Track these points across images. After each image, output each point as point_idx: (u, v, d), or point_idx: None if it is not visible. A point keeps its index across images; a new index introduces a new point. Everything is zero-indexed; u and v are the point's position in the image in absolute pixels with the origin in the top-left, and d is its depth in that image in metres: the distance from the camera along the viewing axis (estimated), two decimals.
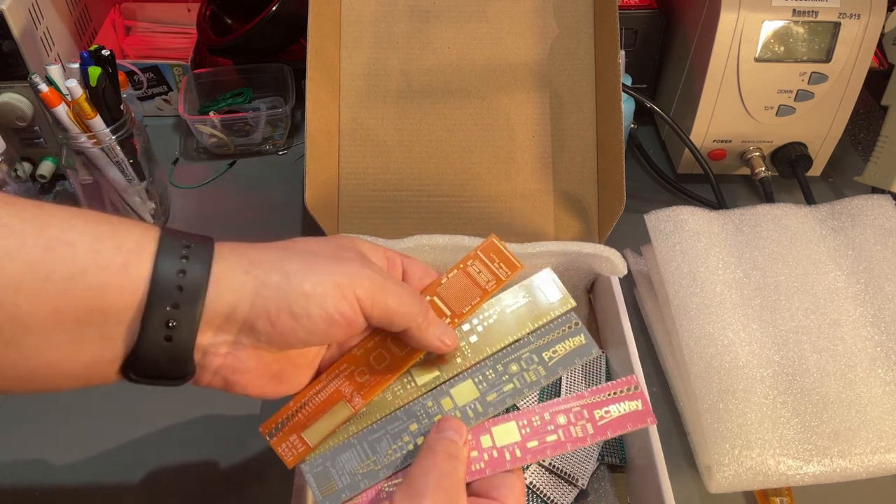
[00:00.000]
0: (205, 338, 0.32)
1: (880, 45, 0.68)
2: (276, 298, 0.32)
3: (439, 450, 0.33)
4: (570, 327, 0.40)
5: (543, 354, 0.39)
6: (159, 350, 0.31)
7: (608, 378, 0.55)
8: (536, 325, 0.40)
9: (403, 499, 0.31)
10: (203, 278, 0.31)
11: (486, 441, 0.36)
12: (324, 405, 0.37)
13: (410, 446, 0.36)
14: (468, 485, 0.35)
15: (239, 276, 0.32)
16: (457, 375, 0.38)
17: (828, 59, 0.65)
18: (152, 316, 0.30)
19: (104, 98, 0.59)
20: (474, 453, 0.35)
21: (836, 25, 0.63)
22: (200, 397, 0.55)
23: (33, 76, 0.56)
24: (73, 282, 0.29)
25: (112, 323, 0.30)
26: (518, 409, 0.37)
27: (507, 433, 0.36)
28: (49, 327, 0.29)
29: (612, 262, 0.55)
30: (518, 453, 0.35)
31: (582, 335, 0.39)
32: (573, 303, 0.41)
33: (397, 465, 0.36)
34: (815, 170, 0.72)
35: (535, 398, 0.53)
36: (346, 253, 0.35)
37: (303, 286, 0.32)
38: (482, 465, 0.35)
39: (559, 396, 0.52)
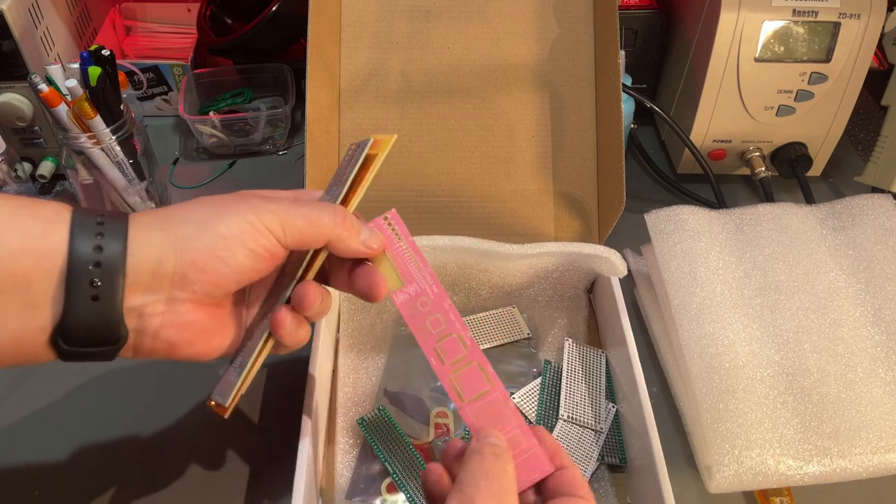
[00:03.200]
0: (136, 298, 0.33)
1: (880, 45, 0.68)
2: (197, 247, 0.33)
3: (486, 452, 0.34)
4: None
5: None
6: (88, 311, 0.32)
7: (608, 377, 0.55)
8: None
9: None
10: (120, 239, 0.33)
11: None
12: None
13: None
14: (540, 484, 0.36)
15: (155, 233, 0.33)
16: None
17: (828, 59, 0.65)
18: (75, 277, 0.31)
19: (104, 98, 0.59)
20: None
21: (836, 25, 0.63)
22: (201, 395, 0.55)
23: (33, 76, 0.56)
24: None
25: (36, 289, 0.31)
26: None
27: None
28: None
29: (611, 263, 0.55)
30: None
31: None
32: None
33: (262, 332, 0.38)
34: (815, 170, 0.72)
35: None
36: (249, 196, 0.37)
37: (219, 229, 0.34)
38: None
39: (559, 393, 0.53)
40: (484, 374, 0.37)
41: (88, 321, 0.32)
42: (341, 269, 0.40)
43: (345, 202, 0.39)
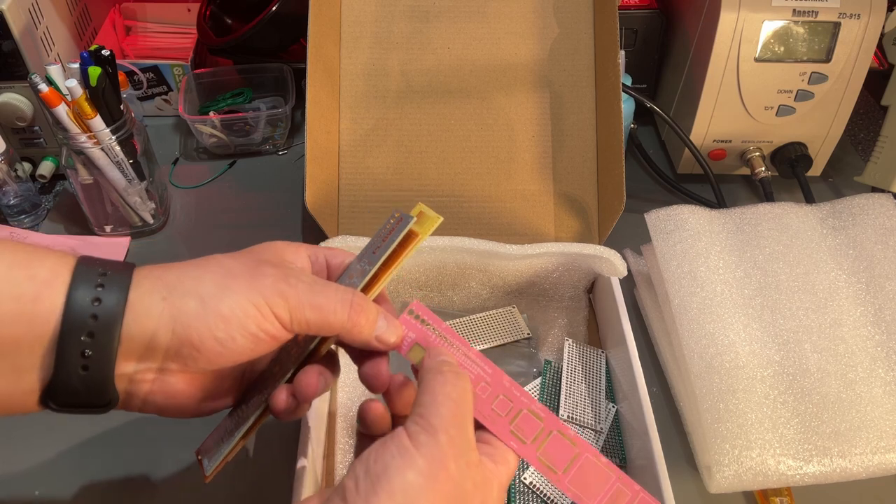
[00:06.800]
0: (127, 366, 0.32)
1: (880, 45, 0.68)
2: (197, 326, 0.31)
3: (445, 371, 0.33)
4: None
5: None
6: (77, 380, 0.31)
7: (608, 377, 0.55)
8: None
9: (420, 431, 0.31)
10: (119, 306, 0.31)
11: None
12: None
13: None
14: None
15: (156, 304, 0.31)
16: None
17: (828, 59, 0.65)
18: (66, 346, 0.30)
19: (104, 98, 0.59)
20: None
21: (836, 25, 0.63)
22: None
23: (33, 76, 0.56)
24: None
25: (25, 354, 0.30)
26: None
27: None
28: None
29: (611, 263, 0.55)
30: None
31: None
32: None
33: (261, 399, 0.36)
34: (815, 170, 0.72)
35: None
36: (263, 268, 0.34)
37: (221, 310, 0.32)
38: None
39: (559, 393, 0.53)
40: (567, 440, 0.35)
41: (77, 388, 0.31)
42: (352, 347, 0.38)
43: (371, 284, 0.36)
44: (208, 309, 0.32)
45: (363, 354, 0.37)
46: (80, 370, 0.30)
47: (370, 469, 0.30)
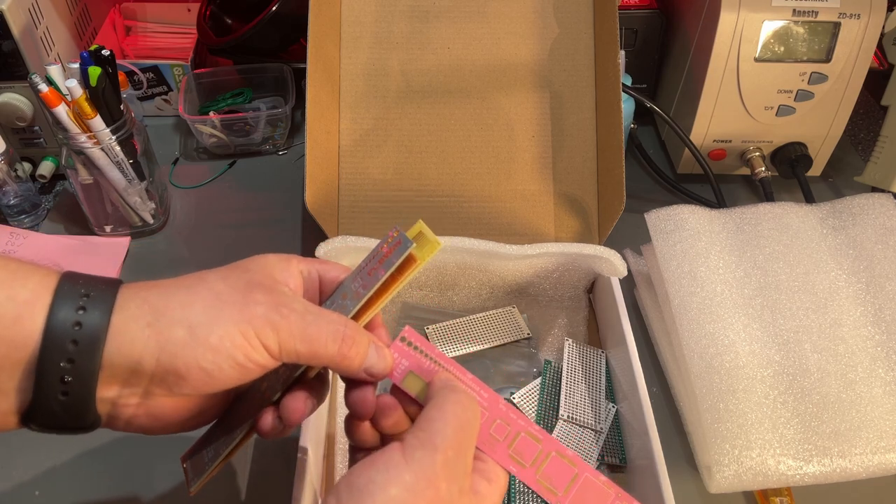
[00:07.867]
0: (110, 391, 0.31)
1: (880, 45, 0.68)
2: (183, 356, 0.31)
3: (459, 389, 0.33)
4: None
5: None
6: (56, 405, 0.30)
7: (608, 377, 0.55)
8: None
9: (418, 446, 0.30)
10: (101, 331, 0.30)
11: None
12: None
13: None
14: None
15: (141, 330, 0.31)
16: None
17: (828, 59, 0.65)
18: (45, 372, 0.29)
19: (104, 98, 0.59)
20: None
21: (836, 25, 0.63)
22: None
23: (33, 76, 0.56)
24: None
25: (5, 377, 0.29)
26: None
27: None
28: None
29: (611, 264, 0.55)
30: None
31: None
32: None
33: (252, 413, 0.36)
34: (815, 170, 0.72)
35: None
36: (254, 293, 0.33)
37: (209, 340, 0.31)
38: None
39: (559, 393, 0.53)
40: (565, 460, 0.35)
41: (57, 412, 0.30)
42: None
43: (364, 309, 0.35)
44: (197, 339, 0.31)
45: (349, 383, 0.37)
46: (59, 395, 0.30)
47: (353, 484, 0.29)
